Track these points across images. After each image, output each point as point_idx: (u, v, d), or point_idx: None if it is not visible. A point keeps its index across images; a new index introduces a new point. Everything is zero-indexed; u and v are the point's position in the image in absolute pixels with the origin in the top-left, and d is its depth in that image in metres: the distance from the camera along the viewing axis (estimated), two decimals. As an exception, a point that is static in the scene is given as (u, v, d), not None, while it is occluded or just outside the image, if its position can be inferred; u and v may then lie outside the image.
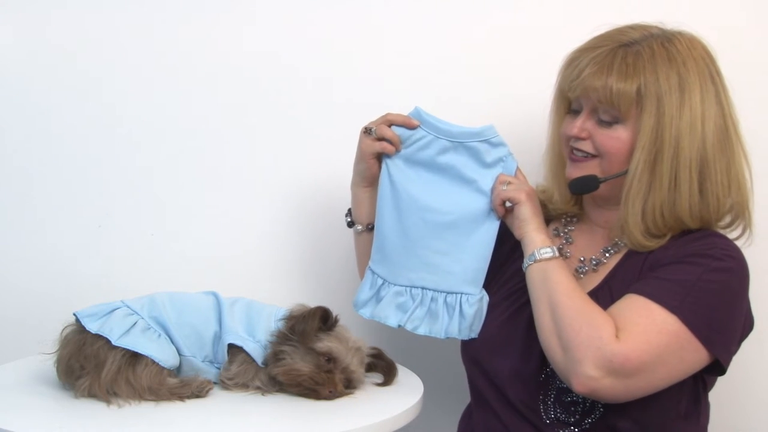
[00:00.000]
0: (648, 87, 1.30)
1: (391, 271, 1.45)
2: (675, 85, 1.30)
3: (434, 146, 1.42)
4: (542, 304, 1.29)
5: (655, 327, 1.22)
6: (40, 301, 1.73)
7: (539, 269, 1.32)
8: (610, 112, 1.33)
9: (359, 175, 1.49)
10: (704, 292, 1.25)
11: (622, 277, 1.35)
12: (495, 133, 1.42)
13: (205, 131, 1.78)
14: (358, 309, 1.45)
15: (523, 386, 1.35)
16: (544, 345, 1.28)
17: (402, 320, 1.42)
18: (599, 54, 1.34)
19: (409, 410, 1.28)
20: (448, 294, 1.43)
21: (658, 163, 1.31)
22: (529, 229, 1.36)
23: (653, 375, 1.22)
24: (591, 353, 1.20)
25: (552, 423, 1.33)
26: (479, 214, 1.42)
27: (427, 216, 1.43)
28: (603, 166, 1.36)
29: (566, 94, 1.39)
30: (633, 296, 1.26)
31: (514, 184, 1.39)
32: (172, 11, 1.77)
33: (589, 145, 1.36)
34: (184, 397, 1.26)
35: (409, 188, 1.43)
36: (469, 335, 1.42)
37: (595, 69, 1.32)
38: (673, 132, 1.29)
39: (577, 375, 1.21)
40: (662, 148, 1.30)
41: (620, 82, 1.30)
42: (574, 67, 1.36)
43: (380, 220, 1.45)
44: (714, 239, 1.32)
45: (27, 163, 1.76)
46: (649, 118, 1.30)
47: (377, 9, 1.79)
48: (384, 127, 1.42)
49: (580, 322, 1.23)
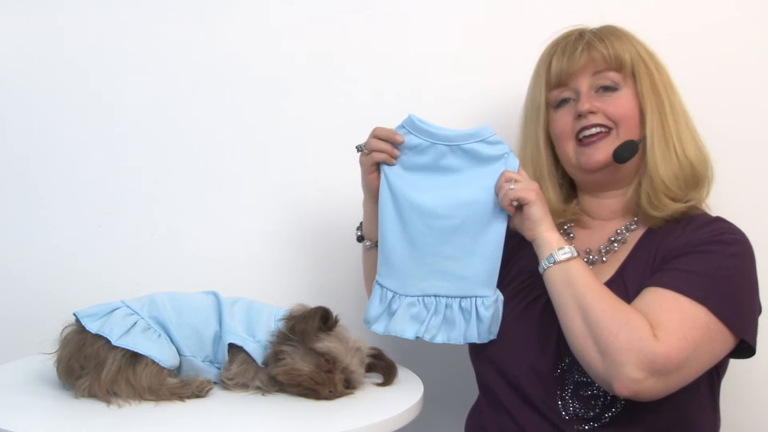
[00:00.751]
0: (633, 54, 1.40)
1: (401, 283, 1.42)
2: (645, 51, 1.43)
3: (432, 152, 1.40)
4: (570, 307, 1.28)
5: (688, 321, 1.23)
6: (40, 301, 1.74)
7: (560, 271, 1.30)
8: (612, 78, 1.40)
9: (366, 191, 1.48)
10: (725, 279, 1.27)
11: (634, 269, 1.36)
12: (492, 132, 1.40)
13: (206, 132, 1.79)
14: (370, 326, 1.42)
15: (540, 383, 1.35)
16: (576, 349, 1.27)
17: (419, 331, 1.40)
18: (576, 38, 1.42)
19: (409, 410, 1.28)
20: (462, 299, 1.40)
21: (665, 121, 1.38)
22: (541, 230, 1.34)
23: (689, 369, 1.24)
24: (633, 356, 1.19)
25: (571, 419, 1.33)
26: (485, 214, 1.39)
27: (433, 222, 1.40)
28: (620, 134, 1.40)
29: (555, 84, 1.43)
30: (658, 290, 1.27)
31: (521, 182, 1.36)
32: (172, 12, 1.77)
33: (601, 117, 1.39)
34: (184, 397, 1.26)
35: (410, 196, 1.40)
36: (488, 338, 1.40)
37: (585, 44, 1.40)
38: (661, 88, 1.40)
39: (620, 379, 1.20)
40: (663, 106, 1.39)
41: (618, 47, 1.40)
42: (560, 54, 1.42)
43: (384, 232, 1.42)
44: (719, 224, 1.36)
45: (27, 163, 1.76)
46: (645, 80, 1.40)
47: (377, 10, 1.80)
48: (373, 141, 1.40)
49: (617, 325, 1.22)
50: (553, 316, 1.32)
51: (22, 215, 1.76)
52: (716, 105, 1.68)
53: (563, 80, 1.42)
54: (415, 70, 1.79)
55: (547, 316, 1.33)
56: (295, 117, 1.79)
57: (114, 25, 1.76)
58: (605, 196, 1.46)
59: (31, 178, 1.76)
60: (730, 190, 1.56)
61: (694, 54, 1.71)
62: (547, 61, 1.44)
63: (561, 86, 1.43)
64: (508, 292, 1.44)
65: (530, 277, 1.37)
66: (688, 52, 1.67)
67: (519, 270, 1.46)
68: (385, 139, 1.40)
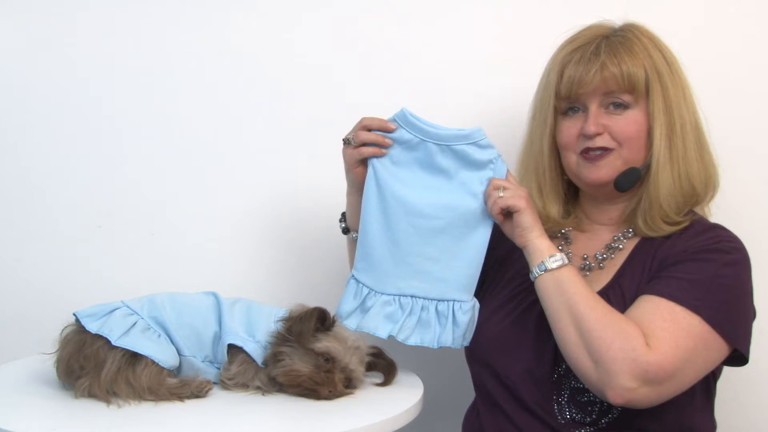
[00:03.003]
0: (650, 67, 1.36)
1: (378, 280, 1.40)
2: (664, 61, 1.38)
3: (421, 149, 1.38)
4: (562, 316, 1.27)
5: (682, 331, 1.22)
6: (40, 301, 1.74)
7: (551, 279, 1.29)
8: (623, 98, 1.36)
9: (350, 184, 1.46)
10: (720, 288, 1.26)
11: (631, 276, 1.35)
12: (483, 135, 1.38)
13: (206, 132, 1.79)
14: (342, 320, 1.40)
15: (536, 387, 1.35)
16: (569, 357, 1.26)
17: (393, 330, 1.39)
18: (592, 53, 1.37)
19: (409, 410, 1.28)
20: (439, 302, 1.40)
21: (672, 139, 1.36)
22: (532, 237, 1.33)
23: (683, 378, 1.24)
24: (627, 365, 1.19)
25: (567, 423, 1.33)
26: (470, 218, 1.39)
27: (417, 222, 1.39)
28: (623, 154, 1.37)
29: (565, 96, 1.39)
30: (653, 298, 1.26)
31: (510, 190, 1.35)
32: (171, 12, 1.77)
33: (606, 138, 1.37)
34: (183, 397, 1.26)
35: (396, 191, 1.39)
36: (462, 344, 1.40)
37: (599, 65, 1.35)
38: (675, 105, 1.36)
39: (613, 388, 1.20)
40: (673, 122, 1.36)
41: (632, 66, 1.35)
42: (573, 66, 1.37)
43: (366, 226, 1.40)
44: (717, 232, 1.35)
45: (27, 164, 1.76)
46: (657, 97, 1.36)
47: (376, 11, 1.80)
48: (362, 132, 1.38)
49: (610, 335, 1.21)
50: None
51: (22, 215, 1.76)
52: (719, 106, 1.67)
53: (573, 94, 1.39)
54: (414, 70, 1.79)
55: (544, 320, 1.33)
56: (295, 118, 1.79)
57: (114, 26, 1.76)
58: (605, 202, 1.45)
59: (31, 178, 1.76)
60: (731, 191, 1.55)
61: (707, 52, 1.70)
62: (560, 69, 1.40)
63: (570, 98, 1.40)
64: (506, 295, 1.44)
65: (526, 280, 1.37)
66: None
67: (514, 273, 1.45)
68: (376, 128, 1.38)
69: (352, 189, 1.46)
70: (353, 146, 1.40)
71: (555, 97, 1.41)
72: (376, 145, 1.39)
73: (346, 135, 1.41)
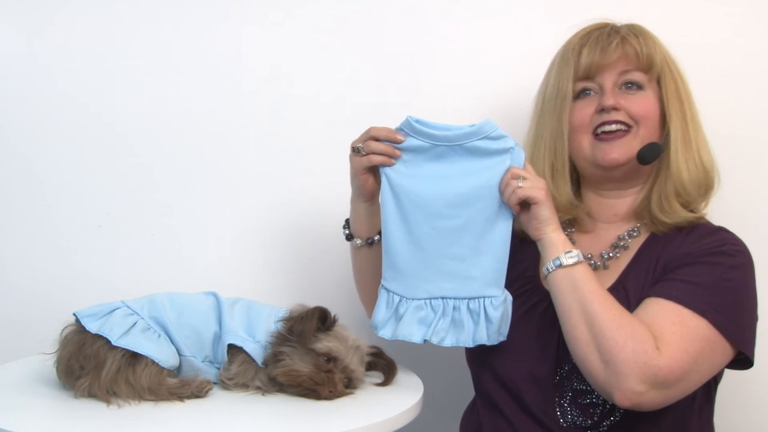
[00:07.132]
0: (661, 54, 1.39)
1: (408, 286, 1.39)
2: (670, 57, 1.42)
3: (433, 152, 1.35)
4: (574, 313, 1.26)
5: (690, 334, 1.22)
6: (40, 301, 1.74)
7: (566, 275, 1.28)
8: (637, 77, 1.38)
9: (356, 191, 1.44)
10: (727, 291, 1.27)
11: (636, 277, 1.35)
12: (494, 126, 1.33)
13: (206, 132, 1.79)
14: (378, 331, 1.39)
15: (539, 389, 1.34)
16: (578, 356, 1.26)
17: (426, 334, 1.36)
18: (610, 31, 1.40)
19: (409, 410, 1.28)
20: (470, 300, 1.36)
21: (687, 127, 1.38)
22: (548, 230, 1.31)
23: (689, 381, 1.24)
24: (638, 368, 1.19)
25: (569, 427, 1.32)
26: (491, 212, 1.35)
27: (437, 223, 1.36)
28: (640, 133, 1.38)
29: (583, 74, 1.39)
30: (661, 301, 1.26)
31: (529, 180, 1.31)
32: (172, 12, 1.77)
33: (623, 114, 1.38)
34: (183, 397, 1.26)
35: (413, 196, 1.36)
36: (498, 339, 1.35)
37: (620, 39, 1.38)
38: (684, 95, 1.40)
39: (621, 390, 1.20)
40: (685, 112, 1.39)
41: (647, 47, 1.38)
42: (594, 42, 1.39)
43: (388, 235, 1.38)
44: (722, 234, 1.35)
45: (27, 164, 1.76)
46: (670, 82, 1.39)
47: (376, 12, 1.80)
48: (371, 143, 1.35)
49: (623, 336, 1.21)
50: (552, 322, 1.31)
51: (23, 215, 1.76)
52: (719, 107, 1.67)
53: (591, 73, 1.39)
54: (414, 71, 1.79)
55: (547, 322, 1.33)
56: (296, 119, 1.79)
57: (114, 26, 1.76)
58: (612, 195, 1.44)
59: (31, 178, 1.76)
60: (730, 193, 1.55)
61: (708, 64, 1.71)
62: (578, 51, 1.40)
63: (587, 79, 1.40)
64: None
65: (529, 282, 1.36)
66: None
67: (517, 275, 1.44)
68: (384, 139, 1.35)
69: (356, 195, 1.44)
70: (362, 154, 1.37)
71: (573, 79, 1.40)
72: (386, 155, 1.36)
73: (355, 143, 1.38)
